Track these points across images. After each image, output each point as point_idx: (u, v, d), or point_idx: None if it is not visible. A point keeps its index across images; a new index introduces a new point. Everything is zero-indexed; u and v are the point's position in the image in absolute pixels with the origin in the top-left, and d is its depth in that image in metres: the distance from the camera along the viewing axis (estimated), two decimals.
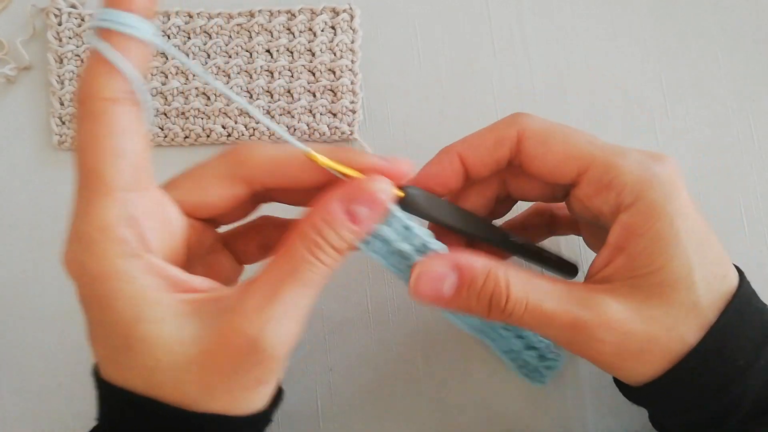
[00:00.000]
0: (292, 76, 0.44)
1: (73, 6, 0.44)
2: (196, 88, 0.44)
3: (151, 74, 0.44)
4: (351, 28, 0.44)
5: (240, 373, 0.28)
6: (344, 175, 0.30)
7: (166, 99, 0.44)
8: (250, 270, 0.35)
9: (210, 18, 0.44)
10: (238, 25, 0.44)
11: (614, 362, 0.31)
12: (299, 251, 0.29)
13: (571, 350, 0.31)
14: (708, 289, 0.29)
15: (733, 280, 0.31)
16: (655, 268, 0.29)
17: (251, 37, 0.44)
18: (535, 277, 0.31)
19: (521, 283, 0.30)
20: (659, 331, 0.29)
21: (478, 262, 0.31)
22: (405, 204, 0.31)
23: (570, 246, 0.43)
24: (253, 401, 0.30)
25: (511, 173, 0.35)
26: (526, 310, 0.30)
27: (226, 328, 0.27)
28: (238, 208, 0.33)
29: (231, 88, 0.44)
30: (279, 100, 0.44)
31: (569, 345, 0.31)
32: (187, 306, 0.28)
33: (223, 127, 0.44)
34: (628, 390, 0.33)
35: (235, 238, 0.35)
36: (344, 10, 0.44)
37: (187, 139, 0.44)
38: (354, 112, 0.44)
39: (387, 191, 0.30)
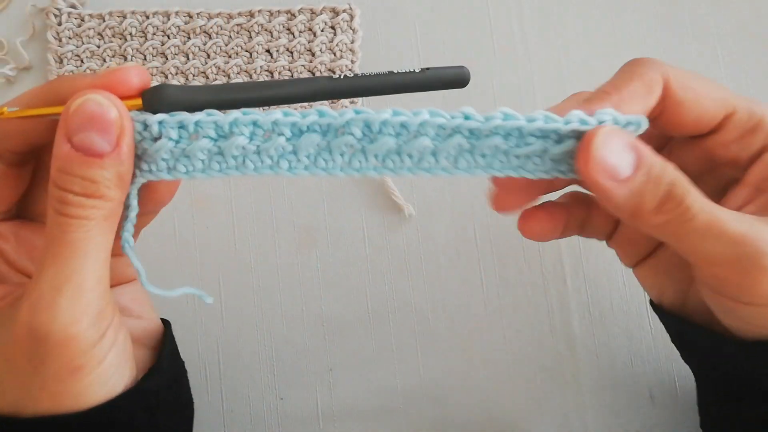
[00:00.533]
0: (292, 76, 0.44)
1: (73, 6, 0.44)
2: None
3: (152, 74, 0.44)
4: (351, 28, 0.44)
5: (42, 367, 0.26)
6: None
7: None
8: None
9: (210, 18, 0.44)
10: (237, 25, 0.44)
11: (761, 298, 0.27)
12: (49, 218, 0.25)
13: (718, 272, 0.28)
14: None
15: None
16: None
17: (251, 37, 0.44)
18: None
19: (696, 191, 0.27)
20: None
21: (654, 154, 0.27)
22: (158, 104, 0.27)
23: (571, 245, 0.43)
24: (83, 394, 0.27)
25: None
26: (703, 214, 0.26)
27: (15, 325, 0.26)
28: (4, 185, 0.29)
29: None
30: None
31: (729, 265, 0.27)
32: None
33: None
34: (731, 346, 0.30)
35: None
36: (344, 10, 0.44)
37: None
38: None
39: (100, 100, 0.25)
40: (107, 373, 0.27)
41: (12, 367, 0.26)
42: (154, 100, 0.27)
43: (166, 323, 0.33)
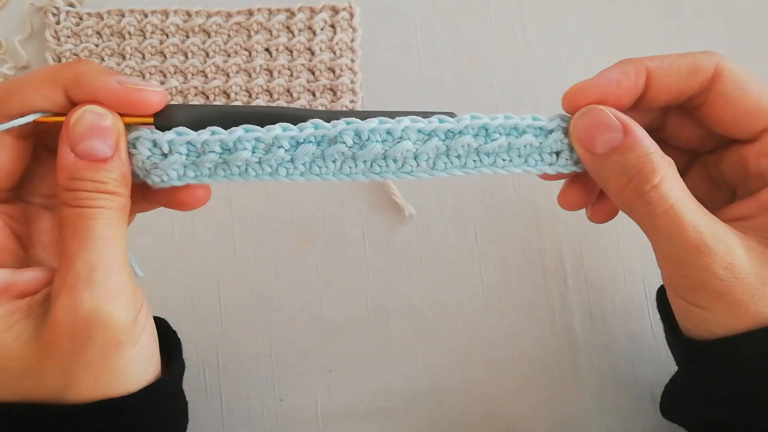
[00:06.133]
0: (291, 75, 0.44)
1: (71, 5, 0.44)
2: (195, 87, 0.43)
3: (150, 73, 0.43)
4: (351, 26, 0.44)
5: (87, 344, 0.27)
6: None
7: None
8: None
9: (209, 16, 0.44)
10: (236, 23, 0.44)
11: (710, 303, 0.29)
12: (65, 212, 0.28)
13: (674, 270, 0.29)
14: None
15: None
16: None
17: (250, 35, 0.44)
18: (686, 188, 0.29)
19: (676, 184, 0.28)
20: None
21: (649, 139, 0.28)
22: (169, 123, 0.29)
23: (572, 246, 0.43)
24: (123, 375, 0.28)
25: (677, 112, 0.32)
26: (666, 209, 0.28)
27: (54, 310, 0.27)
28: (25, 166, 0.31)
29: (230, 87, 0.43)
30: (278, 99, 0.44)
31: (678, 262, 0.29)
32: (16, 315, 0.27)
33: None
34: (690, 345, 0.31)
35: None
36: (344, 9, 0.44)
37: None
38: None
39: (97, 110, 0.28)
40: (141, 355, 0.29)
41: (52, 352, 0.27)
42: (165, 119, 0.29)
43: (160, 319, 0.34)
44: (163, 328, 0.34)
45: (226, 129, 0.29)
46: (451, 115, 0.32)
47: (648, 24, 0.46)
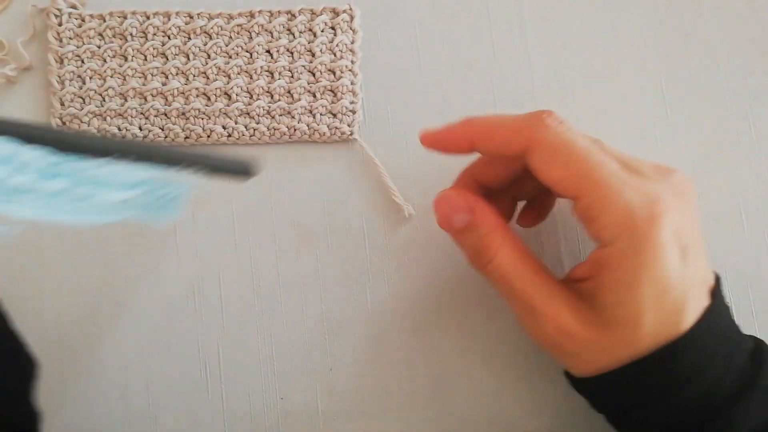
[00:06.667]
0: (292, 77, 0.44)
1: (74, 6, 0.44)
2: (197, 89, 0.44)
3: (152, 74, 0.44)
4: (351, 28, 0.44)
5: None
6: None
7: (166, 99, 0.44)
8: None
9: (210, 18, 0.44)
10: (238, 25, 0.44)
11: (556, 357, 0.36)
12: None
13: (524, 328, 0.36)
14: (655, 333, 0.31)
15: (685, 325, 0.31)
16: (612, 302, 0.32)
17: (251, 37, 0.44)
18: (525, 255, 0.34)
19: (508, 255, 0.34)
20: (597, 347, 0.33)
21: (491, 217, 0.34)
22: None
23: (569, 245, 0.43)
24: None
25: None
26: (500, 276, 0.34)
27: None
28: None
29: (231, 88, 0.44)
30: (279, 100, 0.44)
31: (522, 322, 0.35)
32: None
33: (224, 128, 0.44)
34: (570, 379, 0.37)
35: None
36: (344, 11, 0.44)
37: (187, 140, 0.44)
38: (354, 112, 0.44)
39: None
40: None
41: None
42: None
43: None
44: None
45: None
46: (246, 165, 0.33)
47: (647, 26, 0.46)
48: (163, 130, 0.44)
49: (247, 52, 0.44)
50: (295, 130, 0.44)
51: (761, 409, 0.32)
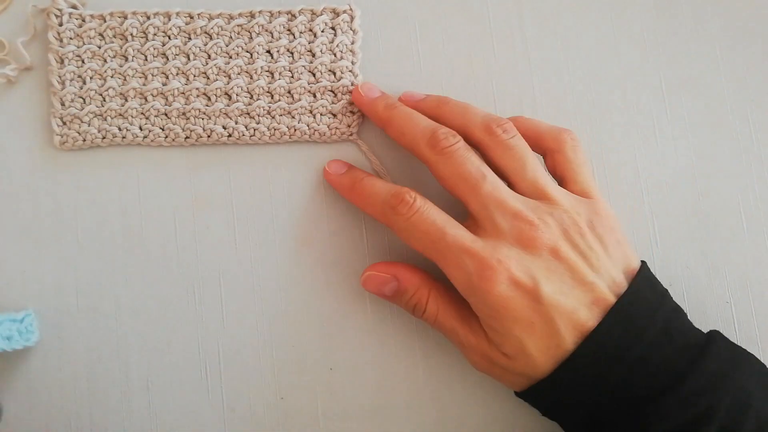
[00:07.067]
0: (292, 77, 0.44)
1: (74, 7, 0.44)
2: (197, 89, 0.44)
3: (152, 75, 0.44)
4: (351, 29, 0.45)
5: None
6: None
7: (167, 99, 0.44)
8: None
9: (210, 19, 0.44)
10: (238, 25, 0.44)
11: (487, 375, 0.40)
12: None
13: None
14: (547, 354, 0.36)
15: (568, 345, 0.35)
16: (498, 343, 0.37)
17: (252, 37, 0.44)
18: (450, 299, 0.39)
19: (436, 303, 0.39)
20: (512, 371, 0.38)
21: (414, 278, 0.40)
22: None
23: None
24: None
25: None
26: (436, 321, 0.39)
27: None
28: None
29: (232, 88, 0.44)
30: (279, 100, 0.44)
31: (460, 351, 0.40)
32: None
33: (224, 128, 0.44)
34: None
35: None
36: (344, 11, 0.44)
37: (188, 140, 0.44)
38: (354, 112, 0.44)
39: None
40: None
41: None
42: None
43: None
44: None
45: None
46: None
47: (647, 25, 0.46)
48: (163, 130, 0.44)
49: (247, 52, 0.44)
50: (295, 130, 0.44)
51: (687, 406, 0.34)
